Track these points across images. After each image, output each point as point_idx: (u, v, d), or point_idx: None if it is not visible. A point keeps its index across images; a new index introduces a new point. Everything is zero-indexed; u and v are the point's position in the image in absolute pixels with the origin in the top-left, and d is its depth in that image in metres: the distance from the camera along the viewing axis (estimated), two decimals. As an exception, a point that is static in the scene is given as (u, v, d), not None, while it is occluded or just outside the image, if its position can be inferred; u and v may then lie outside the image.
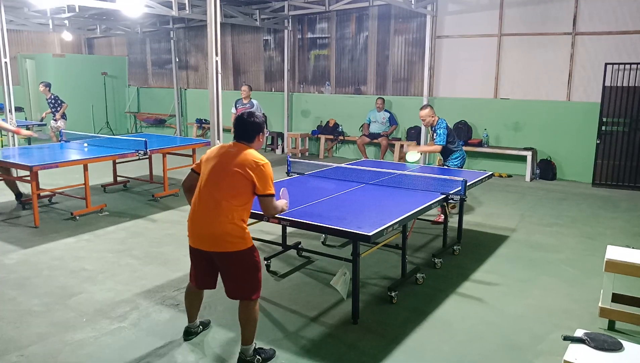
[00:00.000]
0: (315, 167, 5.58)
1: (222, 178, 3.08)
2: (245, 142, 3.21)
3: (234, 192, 3.05)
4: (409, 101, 10.66)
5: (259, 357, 3.25)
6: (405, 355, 3.39)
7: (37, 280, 4.57)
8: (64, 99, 10.85)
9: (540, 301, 4.20)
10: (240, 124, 3.23)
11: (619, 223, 6.48)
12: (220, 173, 3.09)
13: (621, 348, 2.55)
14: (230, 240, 3.05)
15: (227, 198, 3.04)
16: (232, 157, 3.10)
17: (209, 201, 3.08)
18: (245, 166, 3.05)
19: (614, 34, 8.41)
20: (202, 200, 3.12)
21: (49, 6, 10.87)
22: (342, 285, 3.89)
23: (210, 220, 3.06)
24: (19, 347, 3.44)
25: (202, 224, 3.10)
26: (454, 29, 9.92)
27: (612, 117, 8.44)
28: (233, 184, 3.05)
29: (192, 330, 3.58)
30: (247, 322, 3.19)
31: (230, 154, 3.12)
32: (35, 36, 15.57)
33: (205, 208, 3.09)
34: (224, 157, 3.13)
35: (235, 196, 3.05)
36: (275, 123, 12.84)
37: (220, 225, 3.04)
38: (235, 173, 3.04)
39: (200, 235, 3.13)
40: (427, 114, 6.25)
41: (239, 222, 3.08)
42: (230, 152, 3.14)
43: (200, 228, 3.11)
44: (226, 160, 3.11)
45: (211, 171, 3.12)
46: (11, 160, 6.32)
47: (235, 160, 3.08)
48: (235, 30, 13.25)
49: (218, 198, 3.05)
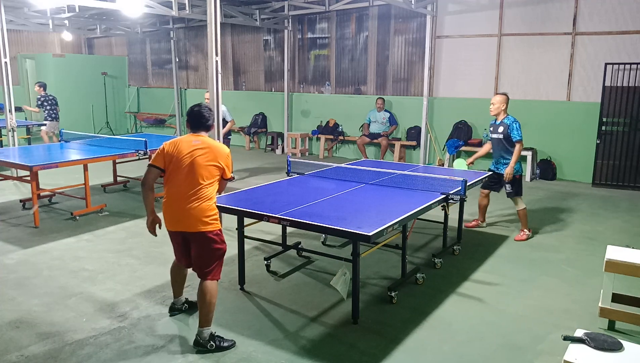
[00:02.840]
0: (315, 167, 5.58)
1: (203, 168, 3.45)
2: (205, 131, 3.62)
3: (212, 179, 3.50)
4: (409, 101, 10.66)
5: (213, 343, 3.42)
6: (405, 355, 3.39)
7: (37, 280, 4.57)
8: (64, 99, 10.85)
9: (540, 301, 4.20)
10: (198, 115, 3.60)
11: (619, 223, 6.49)
12: (200, 165, 3.44)
13: (621, 348, 2.55)
14: (206, 220, 3.44)
15: (206, 185, 3.46)
16: (206, 149, 3.48)
17: (189, 190, 3.42)
18: (218, 157, 3.50)
19: (614, 34, 8.41)
20: (182, 190, 3.43)
21: (49, 6, 10.86)
22: (342, 285, 3.89)
23: (192, 206, 3.41)
24: (19, 347, 3.44)
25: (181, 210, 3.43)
26: (454, 29, 9.92)
27: (612, 117, 8.44)
28: (211, 172, 3.48)
29: (177, 307, 3.89)
30: (204, 302, 3.46)
31: (203, 147, 3.49)
32: (35, 36, 15.58)
33: (187, 196, 3.43)
34: (200, 151, 3.47)
35: (212, 183, 3.51)
36: (275, 123, 12.84)
37: (200, 209, 3.43)
38: (212, 164, 3.47)
39: (179, 219, 3.46)
40: (500, 100, 5.82)
41: (213, 204, 3.54)
42: (201, 144, 3.50)
43: (179, 214, 3.45)
44: (202, 153, 3.46)
45: (190, 164, 3.43)
46: (11, 160, 6.32)
47: (210, 153, 3.48)
48: (235, 30, 13.25)
49: (198, 186, 3.43)
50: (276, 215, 3.72)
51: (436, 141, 10.40)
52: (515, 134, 5.73)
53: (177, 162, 3.46)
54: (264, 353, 3.38)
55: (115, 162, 8.17)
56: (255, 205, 4.09)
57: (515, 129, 5.73)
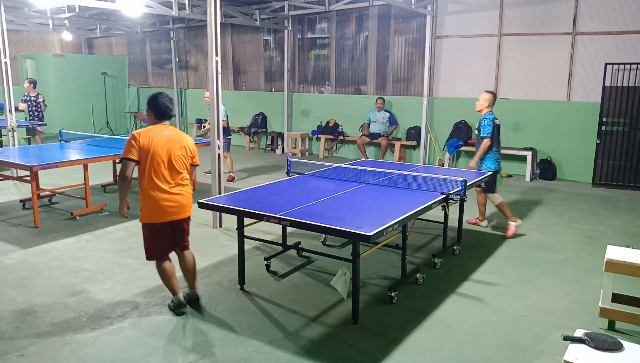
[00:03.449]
0: (315, 167, 5.58)
1: (180, 157, 3.73)
2: (169, 121, 3.81)
3: (187, 167, 3.82)
4: (409, 101, 10.66)
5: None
6: (405, 355, 3.39)
7: (37, 280, 4.57)
8: (64, 99, 10.84)
9: (540, 301, 4.20)
10: (165, 105, 3.76)
11: (619, 223, 6.49)
12: (177, 155, 3.71)
13: (621, 348, 2.55)
14: (190, 205, 3.86)
15: (185, 173, 3.78)
16: (177, 139, 3.74)
17: (174, 179, 3.71)
18: (189, 145, 3.82)
19: (614, 34, 8.41)
20: (168, 180, 3.69)
21: (49, 6, 10.86)
22: (342, 285, 3.89)
23: (177, 196, 3.73)
24: (19, 347, 3.44)
25: (173, 200, 3.71)
26: (454, 29, 9.92)
27: (612, 117, 8.44)
28: (185, 160, 3.79)
29: (182, 303, 3.94)
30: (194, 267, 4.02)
31: (173, 137, 3.73)
32: (35, 36, 15.58)
33: (175, 186, 3.71)
34: (172, 141, 3.71)
35: (187, 170, 3.83)
36: (275, 123, 12.84)
37: (187, 195, 3.82)
38: (185, 153, 3.77)
39: (173, 208, 3.72)
40: (483, 98, 6.00)
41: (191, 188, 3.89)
42: (172, 134, 3.73)
43: (172, 203, 3.70)
44: (175, 143, 3.72)
45: (168, 155, 3.67)
46: (11, 160, 6.32)
47: (181, 142, 3.77)
48: (235, 30, 13.25)
49: (180, 174, 3.74)
50: (276, 215, 3.72)
51: (436, 141, 10.40)
52: (483, 130, 5.94)
53: (155, 154, 3.62)
54: (264, 353, 3.38)
55: (116, 162, 8.16)
56: (255, 205, 4.09)
57: (485, 126, 5.93)
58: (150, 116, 3.79)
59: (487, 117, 5.97)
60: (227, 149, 8.37)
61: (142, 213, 3.74)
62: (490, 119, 5.95)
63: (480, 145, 5.97)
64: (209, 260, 5.09)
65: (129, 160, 3.60)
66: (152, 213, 3.69)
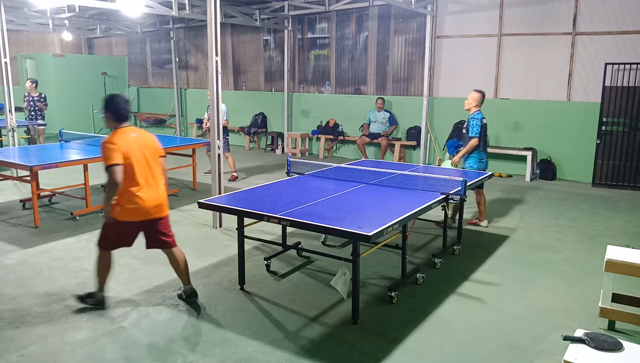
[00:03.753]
0: (315, 167, 5.58)
1: (154, 157, 3.86)
2: (128, 122, 3.84)
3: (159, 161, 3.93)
4: (409, 101, 10.66)
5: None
6: (405, 355, 3.39)
7: (37, 280, 4.57)
8: (64, 99, 10.83)
9: (540, 302, 4.20)
10: (125, 107, 3.80)
11: (619, 223, 6.48)
12: (152, 155, 3.84)
13: (621, 348, 2.55)
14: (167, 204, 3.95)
15: (160, 171, 3.90)
16: (144, 138, 3.84)
17: (152, 178, 3.80)
18: (154, 141, 3.92)
19: (614, 34, 8.41)
20: (148, 179, 3.77)
21: (49, 6, 10.86)
22: (342, 285, 3.89)
23: (158, 194, 3.83)
24: (19, 347, 3.44)
25: (154, 199, 3.80)
26: (454, 29, 9.92)
27: (612, 117, 8.44)
28: (157, 157, 3.91)
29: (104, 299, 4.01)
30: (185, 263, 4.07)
31: (141, 137, 3.82)
32: (35, 36, 15.57)
33: (153, 187, 3.81)
34: (142, 140, 3.80)
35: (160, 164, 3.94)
36: (275, 123, 12.84)
37: (164, 193, 3.92)
38: (154, 150, 3.88)
39: (154, 208, 3.80)
40: (472, 97, 6.04)
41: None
42: (139, 135, 3.81)
43: (154, 202, 3.79)
44: (145, 142, 3.82)
45: (144, 155, 3.76)
46: (11, 160, 6.32)
47: (148, 140, 3.87)
48: (235, 30, 13.25)
49: (157, 174, 3.86)
50: (276, 215, 3.72)
51: (436, 141, 10.40)
52: (471, 130, 5.98)
53: (134, 157, 3.69)
54: (264, 353, 3.38)
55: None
56: (255, 205, 4.09)
57: (473, 126, 5.98)
58: (109, 120, 3.77)
59: (476, 116, 6.00)
60: (227, 149, 8.37)
61: (120, 212, 3.72)
62: (479, 119, 5.99)
63: (467, 144, 6.03)
64: (209, 260, 5.09)
65: (117, 165, 3.58)
66: (132, 212, 3.73)
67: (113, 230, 3.81)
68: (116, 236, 3.85)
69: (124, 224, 3.78)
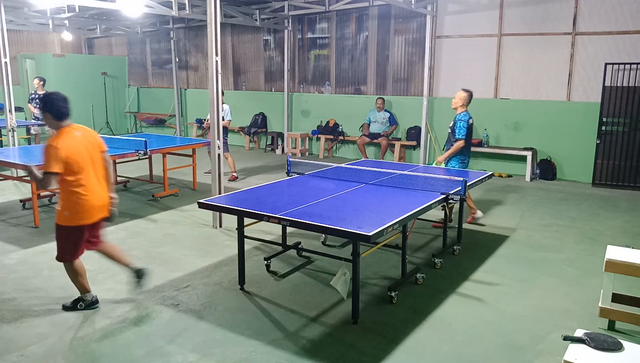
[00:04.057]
0: (315, 167, 5.58)
1: (97, 155, 3.81)
2: (69, 120, 3.72)
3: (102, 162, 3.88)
4: (409, 101, 10.66)
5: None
6: (405, 355, 3.39)
7: (37, 280, 4.57)
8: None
9: (540, 301, 4.20)
10: (61, 105, 3.64)
11: (619, 223, 6.48)
12: (96, 155, 3.80)
13: (621, 348, 2.55)
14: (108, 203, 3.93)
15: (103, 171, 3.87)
16: (89, 137, 3.79)
17: (97, 178, 3.78)
18: (96, 137, 3.87)
19: (614, 34, 8.41)
20: (94, 181, 3.75)
21: (49, 6, 10.86)
22: (342, 285, 3.89)
23: (104, 193, 3.85)
24: (19, 347, 3.44)
25: (102, 198, 3.82)
26: (454, 29, 9.92)
27: (612, 117, 8.44)
28: (100, 154, 3.85)
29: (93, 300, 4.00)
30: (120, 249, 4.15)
31: (85, 135, 3.75)
32: (35, 36, 15.57)
33: (100, 186, 3.81)
34: (87, 139, 3.75)
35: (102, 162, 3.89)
36: (275, 123, 12.84)
37: (107, 193, 3.91)
38: (97, 147, 3.83)
39: (101, 207, 3.82)
40: (459, 96, 6.08)
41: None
42: (82, 134, 3.73)
43: (102, 201, 3.81)
44: (90, 141, 3.77)
45: (90, 156, 3.72)
46: (11, 160, 6.31)
47: (92, 138, 3.83)
48: (235, 30, 13.25)
49: (101, 174, 3.84)
50: (276, 215, 3.72)
51: (436, 141, 10.40)
52: (458, 131, 5.99)
53: (80, 158, 3.63)
54: (264, 353, 3.38)
55: (115, 162, 8.17)
56: (255, 205, 4.09)
57: (460, 128, 5.99)
58: (49, 120, 3.64)
59: (462, 118, 6.02)
60: (226, 149, 8.37)
61: (69, 217, 3.68)
62: (465, 120, 6.01)
63: (454, 145, 6.04)
64: (209, 260, 5.09)
65: (53, 174, 3.51)
66: (83, 215, 3.71)
67: (68, 240, 3.76)
68: (76, 244, 3.79)
69: (76, 230, 3.74)
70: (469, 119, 6.01)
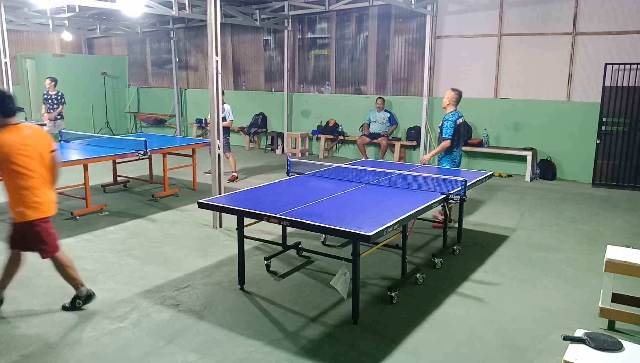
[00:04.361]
0: (315, 167, 5.58)
1: (46, 152, 3.75)
2: (16, 117, 3.70)
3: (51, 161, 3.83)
4: (409, 101, 10.66)
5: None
6: (405, 355, 3.39)
7: (37, 280, 4.57)
8: (64, 99, 10.81)
9: (540, 302, 4.20)
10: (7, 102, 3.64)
11: (619, 223, 6.48)
12: (43, 152, 3.73)
13: (621, 348, 2.55)
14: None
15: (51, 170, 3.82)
16: (38, 136, 3.73)
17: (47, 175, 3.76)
18: (45, 137, 3.81)
19: (614, 34, 8.41)
20: (45, 177, 3.74)
21: (49, 6, 10.86)
22: (342, 285, 3.89)
23: (51, 192, 3.83)
24: (19, 347, 3.44)
25: (50, 196, 3.80)
26: (454, 29, 9.92)
27: (612, 117, 8.44)
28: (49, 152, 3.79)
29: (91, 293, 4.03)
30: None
31: (35, 134, 3.70)
32: (35, 36, 15.57)
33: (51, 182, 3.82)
34: (38, 139, 3.71)
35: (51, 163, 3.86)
36: (275, 123, 12.84)
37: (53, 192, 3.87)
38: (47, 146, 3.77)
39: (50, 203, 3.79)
40: (447, 96, 6.10)
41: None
42: (32, 133, 3.68)
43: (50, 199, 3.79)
44: (41, 140, 3.73)
45: (39, 153, 3.68)
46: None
47: (45, 138, 3.79)
48: (235, 30, 13.25)
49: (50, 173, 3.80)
50: (276, 215, 3.72)
51: (436, 141, 10.38)
52: (445, 131, 5.99)
53: (27, 157, 3.60)
54: (264, 353, 3.38)
55: (115, 162, 8.17)
56: (255, 205, 4.09)
57: (447, 128, 5.98)
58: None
59: (450, 118, 6.01)
60: (227, 149, 8.37)
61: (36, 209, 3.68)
62: (452, 120, 5.99)
63: (440, 145, 6.06)
64: (209, 260, 5.09)
65: None
66: (48, 206, 3.76)
67: (49, 232, 3.80)
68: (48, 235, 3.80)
69: (41, 220, 3.74)
70: (457, 119, 6.01)
